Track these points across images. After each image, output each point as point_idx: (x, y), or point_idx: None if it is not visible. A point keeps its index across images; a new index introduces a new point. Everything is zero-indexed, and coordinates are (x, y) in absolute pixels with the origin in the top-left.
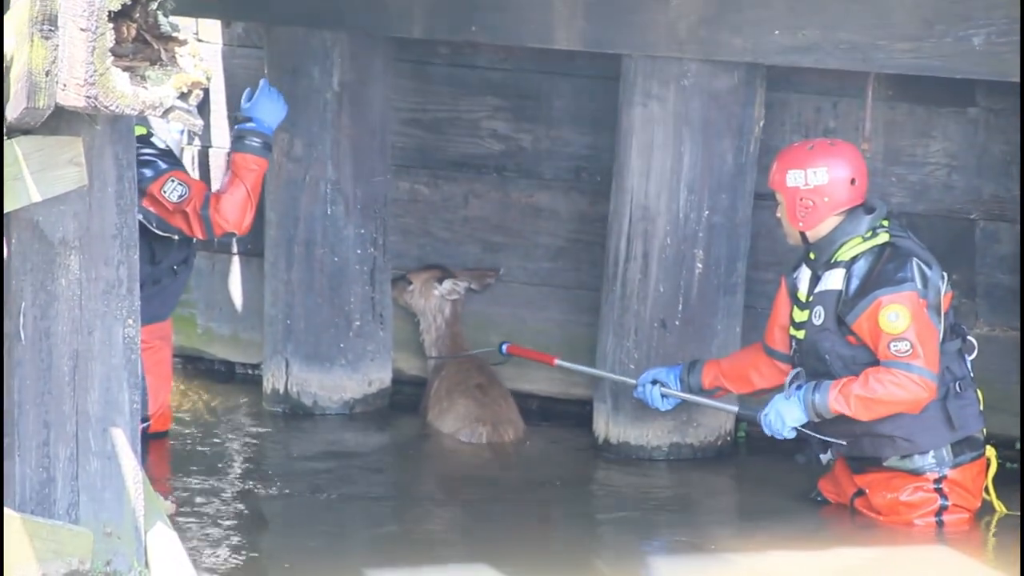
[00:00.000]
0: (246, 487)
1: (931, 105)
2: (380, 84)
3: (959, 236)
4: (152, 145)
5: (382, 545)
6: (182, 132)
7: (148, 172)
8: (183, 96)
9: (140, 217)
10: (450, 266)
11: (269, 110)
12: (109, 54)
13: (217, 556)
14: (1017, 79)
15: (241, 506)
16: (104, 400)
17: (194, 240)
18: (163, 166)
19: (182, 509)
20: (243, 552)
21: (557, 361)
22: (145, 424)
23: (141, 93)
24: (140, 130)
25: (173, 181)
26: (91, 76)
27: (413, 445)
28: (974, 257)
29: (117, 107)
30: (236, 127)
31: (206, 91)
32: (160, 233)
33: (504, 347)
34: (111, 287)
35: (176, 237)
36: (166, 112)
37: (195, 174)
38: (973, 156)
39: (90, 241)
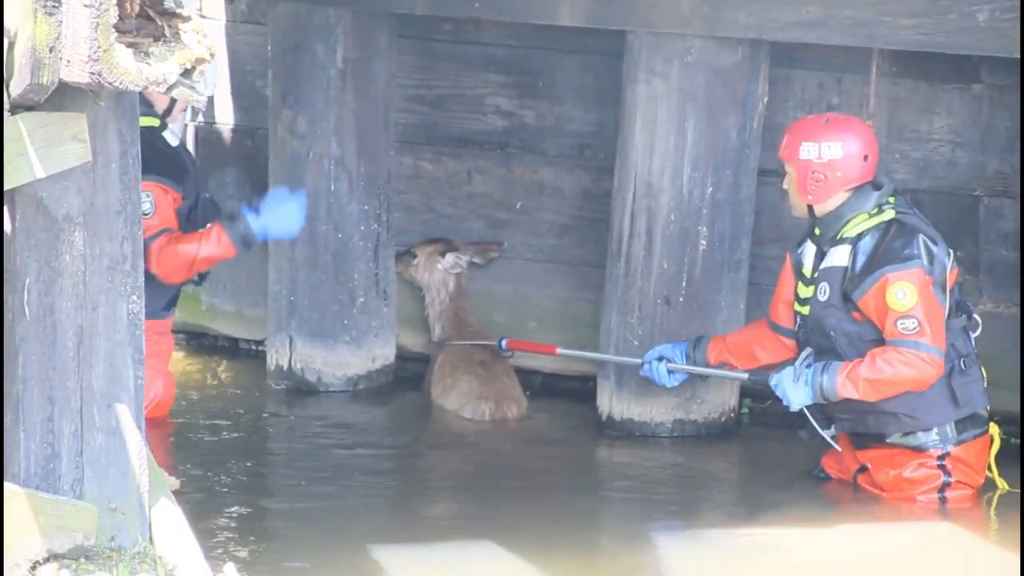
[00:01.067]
0: (249, 463)
1: (935, 81)
2: (384, 61)
3: (963, 213)
4: (162, 140)
5: (385, 521)
6: (185, 109)
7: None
8: (187, 72)
9: None
10: (454, 240)
11: (280, 221)
12: (113, 30)
13: (221, 532)
14: (1020, 55)
15: (245, 482)
16: (109, 376)
17: None
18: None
19: (186, 485)
20: (247, 528)
21: (559, 350)
22: None
23: (145, 69)
24: (151, 122)
25: (147, 195)
26: (95, 52)
27: (417, 421)
28: (978, 233)
29: (121, 83)
30: (244, 207)
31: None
32: None
33: (504, 342)
34: (115, 263)
35: None
36: (170, 88)
37: (199, 151)
38: (977, 132)
39: (94, 217)
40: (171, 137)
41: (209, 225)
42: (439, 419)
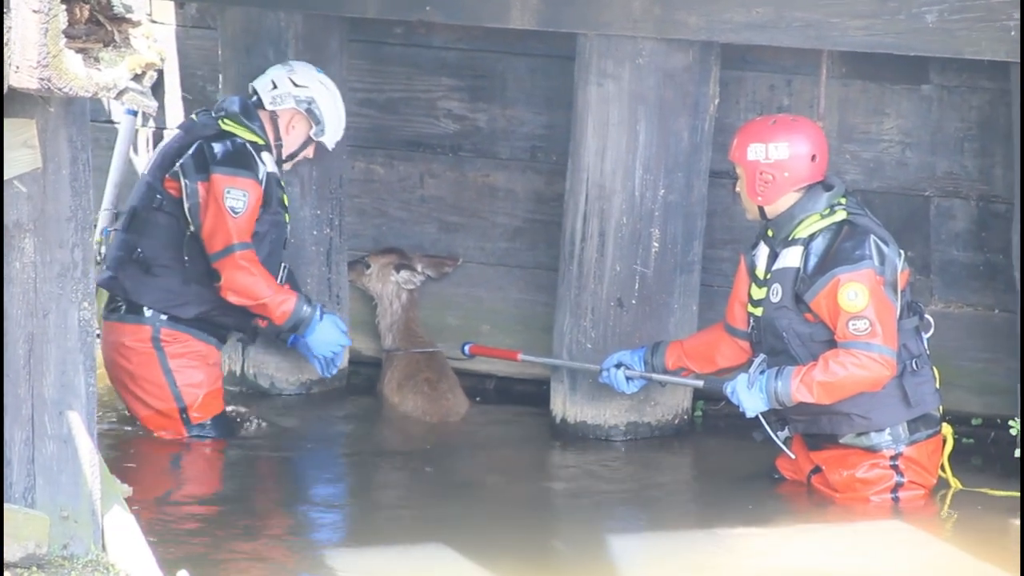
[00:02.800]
0: (201, 468)
1: (885, 82)
2: (335, 64)
3: (913, 213)
4: (260, 157)
5: (335, 525)
6: (135, 114)
7: (223, 162)
8: (137, 77)
9: (177, 194)
10: (408, 250)
11: (323, 343)
12: (62, 36)
13: (175, 539)
14: (969, 56)
15: (199, 485)
16: (60, 383)
17: None
18: (243, 170)
19: (140, 492)
20: (200, 533)
21: (521, 356)
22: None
23: (95, 75)
24: (255, 138)
25: (242, 193)
26: (44, 58)
27: (370, 425)
28: (929, 234)
29: (71, 89)
30: (309, 308)
31: (160, 72)
32: (183, 215)
33: (467, 347)
34: (66, 270)
35: (190, 229)
36: (120, 94)
37: (150, 156)
38: (927, 133)
39: (45, 224)
40: (268, 160)
41: (287, 287)
42: (392, 423)
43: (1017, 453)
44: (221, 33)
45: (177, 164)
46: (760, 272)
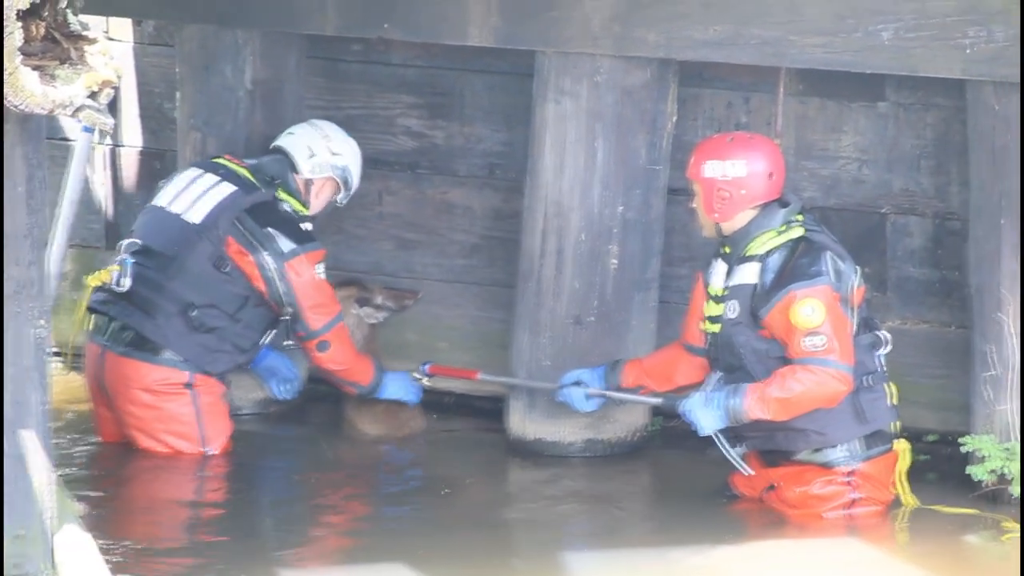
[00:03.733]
0: (155, 487)
1: (842, 100)
2: (293, 82)
3: (870, 230)
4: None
5: (290, 544)
6: (92, 131)
7: (303, 239)
8: (93, 95)
9: (240, 259)
10: (368, 281)
11: (397, 391)
12: (18, 53)
13: (131, 558)
14: (925, 74)
15: (156, 504)
16: (14, 401)
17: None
18: (317, 243)
19: (96, 508)
20: (156, 552)
21: (479, 375)
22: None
23: (51, 92)
24: (302, 208)
25: (323, 266)
26: None
27: (327, 444)
28: (885, 251)
29: (27, 106)
30: (382, 382)
31: (117, 90)
32: (252, 289)
33: (426, 367)
34: (22, 287)
35: (287, 311)
36: (76, 111)
37: (106, 173)
38: (883, 150)
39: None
40: (309, 227)
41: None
42: (349, 441)
43: (968, 469)
44: (178, 50)
45: (246, 233)
46: (716, 289)
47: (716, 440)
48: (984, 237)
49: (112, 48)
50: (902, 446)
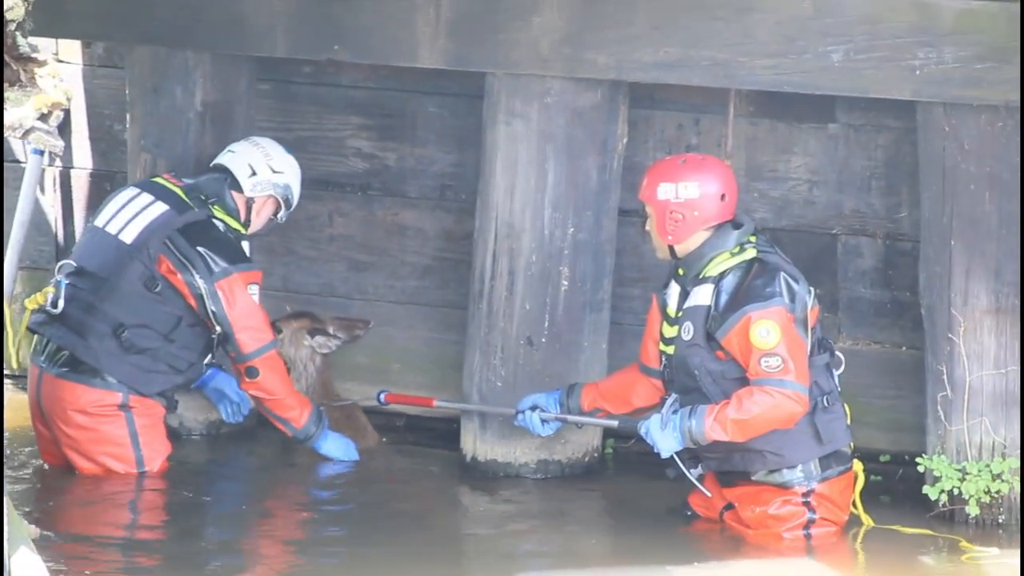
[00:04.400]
0: (112, 506)
1: (792, 121)
2: (243, 103)
3: (821, 251)
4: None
5: (243, 567)
6: (42, 153)
7: (236, 259)
8: (43, 117)
9: (173, 279)
10: (319, 313)
11: (336, 450)
12: None
13: None
14: (875, 95)
15: (110, 526)
16: None
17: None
18: (253, 264)
19: (47, 535)
20: (114, 572)
21: (436, 402)
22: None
23: None
24: (239, 226)
25: (258, 287)
26: None
27: (278, 465)
28: (836, 271)
29: None
30: (320, 432)
31: (67, 112)
32: (185, 308)
33: (382, 396)
34: None
35: (217, 330)
36: (26, 133)
37: (56, 195)
38: (834, 171)
39: None
40: (246, 248)
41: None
42: (301, 462)
43: (924, 489)
44: (128, 72)
45: (176, 252)
46: (671, 310)
47: (675, 461)
48: (935, 258)
49: (62, 70)
50: (857, 467)
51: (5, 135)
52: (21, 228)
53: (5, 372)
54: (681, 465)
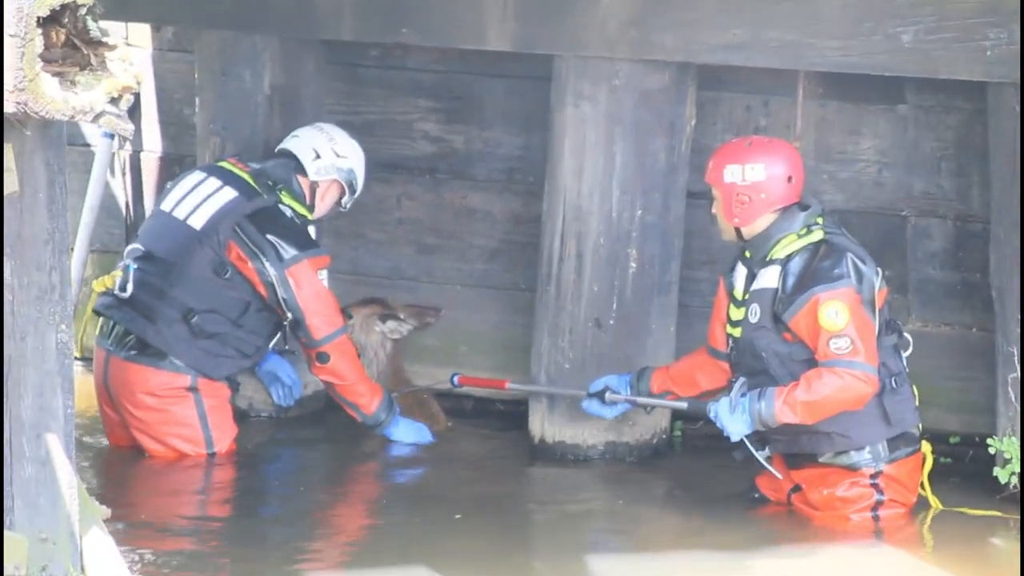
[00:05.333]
0: (181, 492)
1: (861, 103)
2: (311, 87)
3: (890, 233)
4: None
5: (313, 548)
6: (112, 137)
7: (307, 245)
8: (113, 101)
9: (242, 265)
10: (388, 298)
11: (407, 435)
12: (39, 59)
13: (154, 562)
14: (945, 76)
15: (178, 507)
16: (38, 406)
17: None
18: (323, 249)
19: (118, 515)
20: (181, 556)
21: (509, 384)
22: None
23: (71, 98)
24: (305, 211)
25: (327, 272)
26: (20, 82)
27: (348, 447)
28: (906, 253)
29: (47, 112)
30: (391, 419)
31: (136, 96)
32: (254, 295)
33: (455, 378)
34: (44, 292)
35: (288, 317)
36: (96, 117)
37: (126, 178)
38: (903, 153)
39: (22, 247)
40: (312, 232)
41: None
42: (371, 445)
43: (995, 471)
44: (197, 56)
45: (246, 239)
46: (738, 293)
47: (745, 444)
48: (1005, 239)
49: (132, 54)
50: (925, 448)
51: (76, 118)
52: (91, 212)
53: None
54: (750, 447)
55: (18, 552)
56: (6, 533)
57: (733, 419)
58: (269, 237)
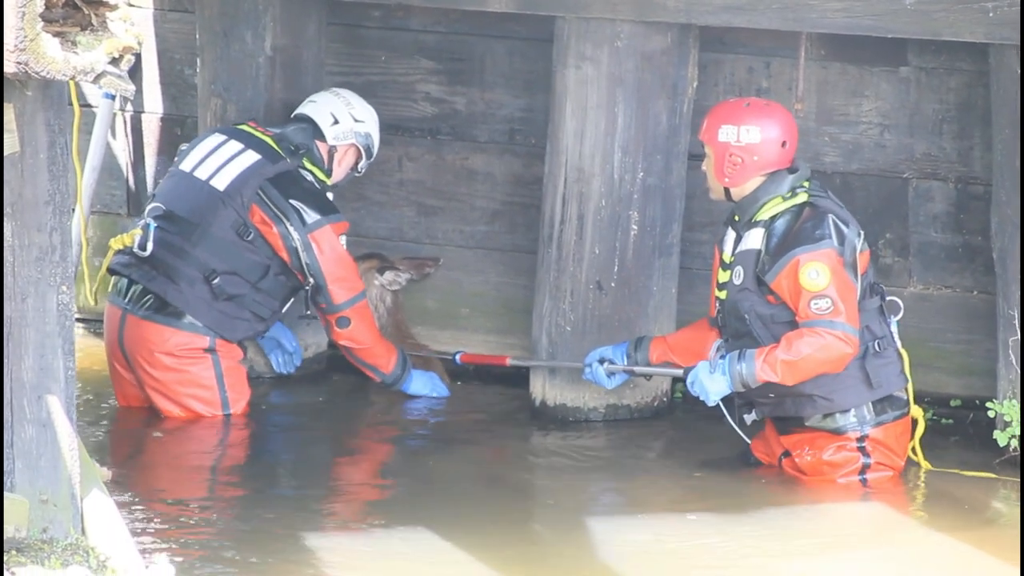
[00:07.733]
0: (182, 452)
1: (863, 64)
2: (313, 47)
3: (892, 195)
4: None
5: (315, 511)
6: (113, 98)
7: (328, 210)
8: (114, 61)
9: (265, 229)
10: (387, 253)
11: (423, 387)
12: (39, 19)
13: (153, 521)
14: (947, 38)
15: (181, 470)
16: (38, 367)
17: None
18: (341, 214)
19: (120, 476)
20: (180, 518)
21: (509, 360)
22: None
23: (72, 59)
24: (324, 176)
25: (344, 237)
26: (21, 42)
27: (349, 408)
28: (907, 216)
29: (48, 73)
30: (407, 375)
31: (137, 56)
32: (274, 257)
33: (458, 356)
34: (44, 253)
35: (309, 282)
36: (97, 77)
37: (127, 139)
38: (905, 115)
39: (23, 207)
40: (330, 197)
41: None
42: (372, 406)
43: (995, 434)
44: (199, 16)
45: (270, 203)
46: (726, 255)
47: (720, 409)
48: (1007, 201)
49: (133, 14)
50: (916, 412)
51: (77, 79)
52: (93, 172)
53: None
54: (727, 414)
55: (19, 513)
56: (7, 495)
57: (712, 379)
58: (292, 202)
